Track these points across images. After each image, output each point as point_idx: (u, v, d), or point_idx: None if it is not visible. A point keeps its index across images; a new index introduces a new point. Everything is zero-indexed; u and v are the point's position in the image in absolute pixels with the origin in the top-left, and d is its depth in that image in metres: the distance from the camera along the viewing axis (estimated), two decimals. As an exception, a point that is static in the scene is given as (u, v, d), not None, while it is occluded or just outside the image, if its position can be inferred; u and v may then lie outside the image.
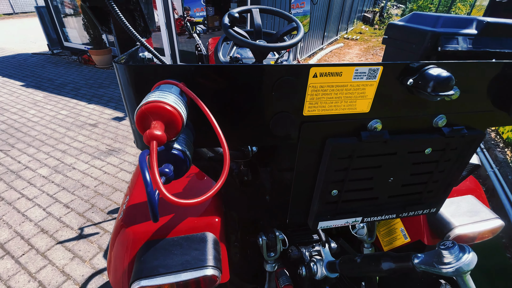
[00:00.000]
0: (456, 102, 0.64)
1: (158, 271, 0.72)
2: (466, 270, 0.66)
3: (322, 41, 9.48)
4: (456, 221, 0.95)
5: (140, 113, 0.38)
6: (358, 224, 0.85)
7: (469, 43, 0.66)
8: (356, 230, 1.07)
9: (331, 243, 1.12)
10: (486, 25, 0.67)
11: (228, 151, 0.44)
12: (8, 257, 2.32)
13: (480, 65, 0.60)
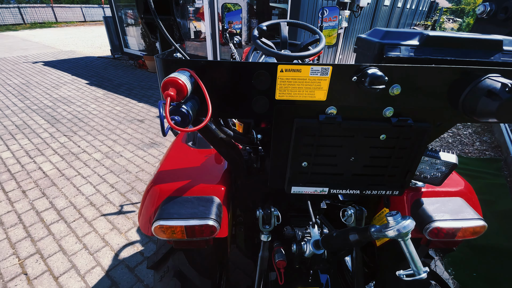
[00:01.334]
0: (401, 97, 0.77)
1: (173, 216, 0.95)
2: (404, 232, 0.80)
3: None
4: (437, 216, 1.01)
5: (164, 82, 0.63)
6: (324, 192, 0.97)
7: (411, 51, 0.79)
8: (345, 218, 1.18)
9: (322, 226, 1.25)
10: (427, 37, 0.80)
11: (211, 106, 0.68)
12: (62, 222, 2.78)
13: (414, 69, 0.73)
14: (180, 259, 1.18)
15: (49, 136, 4.53)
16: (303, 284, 1.36)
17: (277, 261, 1.22)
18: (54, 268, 2.30)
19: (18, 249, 2.47)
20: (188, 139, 1.50)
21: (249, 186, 1.41)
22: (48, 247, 2.49)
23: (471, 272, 2.34)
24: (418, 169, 0.99)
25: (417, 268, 0.85)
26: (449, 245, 1.09)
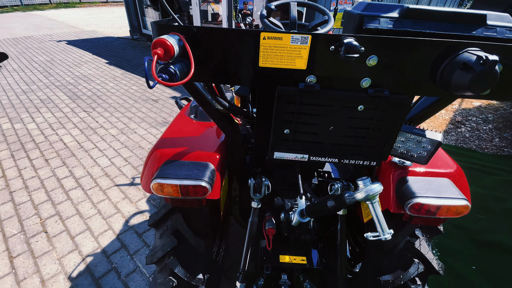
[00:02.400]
0: (378, 68, 0.79)
1: (170, 176, 1.05)
2: (371, 194, 0.85)
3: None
4: (420, 193, 1.03)
5: (153, 42, 0.69)
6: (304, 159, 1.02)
7: (390, 24, 0.80)
8: (332, 191, 1.24)
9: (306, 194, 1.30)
10: (407, 9, 0.80)
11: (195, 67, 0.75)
12: (79, 189, 3.00)
13: (390, 40, 0.74)
14: (178, 219, 1.29)
15: (70, 111, 4.79)
16: (290, 253, 1.44)
17: (267, 228, 1.30)
18: (71, 228, 2.52)
19: (40, 210, 2.71)
20: (191, 112, 1.58)
21: (245, 159, 1.48)
22: (67, 210, 2.71)
23: (470, 265, 2.35)
24: (404, 147, 1.01)
25: (383, 230, 0.90)
26: (431, 222, 1.11)
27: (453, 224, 2.74)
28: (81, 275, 2.11)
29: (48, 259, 2.23)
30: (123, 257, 2.26)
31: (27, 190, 2.95)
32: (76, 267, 2.17)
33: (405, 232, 1.25)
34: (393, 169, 1.13)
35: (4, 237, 2.41)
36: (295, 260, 1.44)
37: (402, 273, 1.23)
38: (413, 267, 1.22)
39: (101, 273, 2.13)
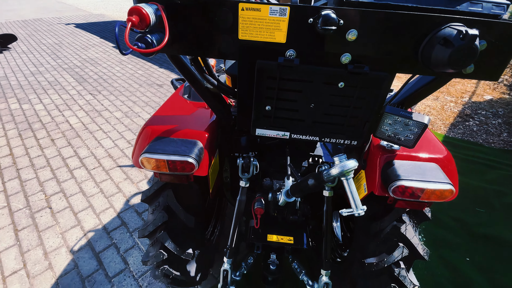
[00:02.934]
0: (358, 43, 0.77)
1: (158, 151, 1.07)
2: (346, 170, 0.85)
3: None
4: (404, 176, 1.02)
5: (130, 9, 0.69)
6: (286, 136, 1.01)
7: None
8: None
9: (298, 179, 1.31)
10: None
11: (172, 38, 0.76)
12: (83, 168, 3.08)
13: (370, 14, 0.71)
14: (169, 196, 1.32)
15: (76, 93, 4.85)
16: (278, 232, 1.47)
17: (256, 208, 1.33)
18: (74, 205, 2.60)
19: (45, 187, 2.80)
20: (184, 92, 1.59)
21: (237, 140, 1.49)
22: (71, 188, 2.80)
23: (464, 256, 2.35)
24: (392, 130, 1.00)
25: (356, 206, 0.90)
26: (416, 206, 1.11)
27: (451, 216, 2.72)
28: (82, 249, 2.20)
29: (51, 233, 2.32)
30: (123, 234, 2.33)
31: (33, 168, 3.05)
32: (78, 241, 2.26)
33: (392, 216, 1.25)
34: (380, 152, 1.12)
35: (10, 211, 2.51)
36: (283, 239, 1.47)
37: (386, 256, 1.24)
38: (398, 251, 1.23)
39: (101, 248, 2.21)
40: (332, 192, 1.24)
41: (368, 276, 1.35)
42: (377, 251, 1.29)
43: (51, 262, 2.09)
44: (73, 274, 2.02)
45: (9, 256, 2.13)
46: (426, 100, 5.45)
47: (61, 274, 2.01)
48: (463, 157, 3.63)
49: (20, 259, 2.11)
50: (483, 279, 2.16)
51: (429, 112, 4.97)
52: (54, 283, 1.96)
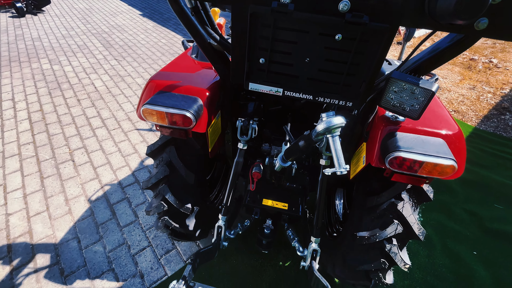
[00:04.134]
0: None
1: (158, 104, 1.10)
2: (331, 126, 0.83)
3: None
4: (403, 147, 0.96)
5: None
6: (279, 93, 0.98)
7: None
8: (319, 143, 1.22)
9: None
10: None
11: None
12: (104, 128, 3.25)
13: None
14: (171, 151, 1.38)
15: (103, 58, 5.01)
16: (274, 198, 1.50)
17: (253, 172, 1.35)
18: (94, 161, 2.79)
19: (69, 142, 3.01)
20: (193, 52, 1.59)
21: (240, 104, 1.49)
22: (92, 145, 2.99)
23: (471, 250, 2.27)
24: (397, 99, 0.95)
25: (339, 164, 0.89)
26: (414, 181, 1.06)
27: (466, 209, 2.62)
28: (99, 199, 2.38)
29: (73, 183, 2.53)
30: (136, 190, 2.49)
31: (60, 124, 3.26)
32: (95, 192, 2.45)
33: (390, 192, 1.22)
34: (383, 123, 1.08)
35: (38, 160, 2.74)
36: (277, 205, 1.50)
37: (379, 231, 1.23)
38: (391, 227, 1.21)
39: (115, 200, 2.38)
40: (329, 162, 1.23)
41: (358, 250, 1.36)
42: (370, 226, 1.29)
43: (70, 208, 2.30)
44: (89, 220, 2.21)
45: (34, 199, 2.36)
46: (461, 89, 5.06)
47: (79, 219, 2.21)
48: (491, 151, 3.40)
49: (44, 203, 2.33)
50: (487, 273, 2.09)
51: (462, 101, 4.63)
52: (72, 226, 2.16)
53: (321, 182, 1.23)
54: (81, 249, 2.01)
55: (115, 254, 1.99)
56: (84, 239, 2.08)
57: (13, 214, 2.22)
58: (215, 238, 1.41)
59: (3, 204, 2.30)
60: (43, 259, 1.93)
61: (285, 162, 1.24)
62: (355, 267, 1.37)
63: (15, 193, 2.39)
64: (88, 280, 1.83)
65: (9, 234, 2.08)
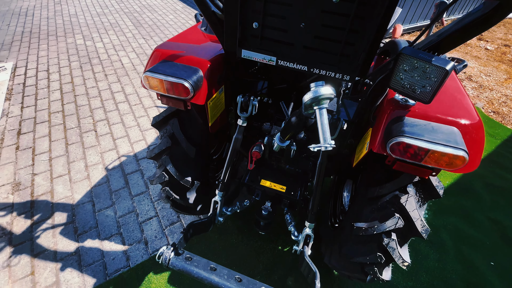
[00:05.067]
0: None
1: (159, 71, 1.11)
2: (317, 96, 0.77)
3: None
4: (408, 132, 0.88)
5: None
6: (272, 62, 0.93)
7: None
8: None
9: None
10: None
11: None
12: (127, 103, 3.38)
13: None
14: (174, 124, 1.40)
15: (132, 36, 5.17)
16: (273, 179, 1.48)
17: (253, 151, 1.34)
18: (115, 133, 2.93)
19: (94, 113, 3.17)
20: (203, 25, 1.58)
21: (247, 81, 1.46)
22: (114, 117, 3.13)
23: (489, 260, 2.11)
24: (408, 79, 0.87)
25: (324, 139, 0.84)
26: (418, 172, 0.97)
27: (489, 217, 2.42)
28: (115, 168, 2.52)
29: (93, 151, 2.68)
30: (149, 164, 2.59)
31: (87, 96, 3.45)
32: (112, 162, 2.58)
33: (394, 184, 1.15)
34: (391, 107, 1.00)
35: (65, 128, 2.94)
36: (275, 186, 1.48)
37: (378, 224, 1.17)
38: (391, 220, 1.14)
39: (129, 171, 2.50)
40: None
41: (354, 241, 1.31)
42: (369, 217, 1.23)
43: (89, 174, 2.45)
44: (104, 186, 2.35)
45: (58, 163, 2.54)
46: (505, 89, 4.60)
47: (95, 185, 2.36)
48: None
49: (66, 167, 2.50)
50: (502, 285, 1.94)
51: (504, 102, 4.22)
52: (89, 190, 2.31)
53: (320, 166, 1.19)
54: (94, 212, 2.15)
55: (124, 220, 2.10)
56: (98, 203, 2.21)
57: (39, 175, 2.42)
58: (211, 213, 1.43)
59: (31, 164, 2.50)
60: (60, 217, 2.09)
61: (282, 142, 1.21)
62: (350, 258, 1.33)
63: (42, 156, 2.59)
64: (98, 240, 1.96)
65: (33, 192, 2.27)
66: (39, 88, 3.54)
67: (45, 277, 1.74)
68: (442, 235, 2.22)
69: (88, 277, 1.76)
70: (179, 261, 1.07)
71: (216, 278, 1.03)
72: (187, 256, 1.11)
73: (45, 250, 1.88)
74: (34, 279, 1.73)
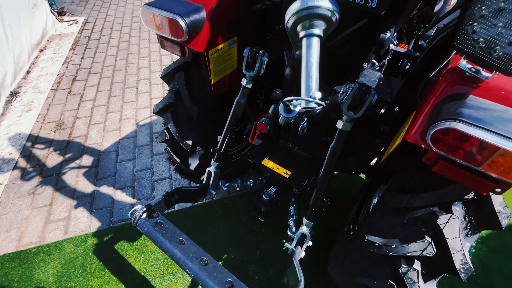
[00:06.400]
0: None
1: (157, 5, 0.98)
2: (309, 5, 0.52)
3: None
4: (469, 117, 0.58)
5: None
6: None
7: None
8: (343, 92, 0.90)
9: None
10: None
11: None
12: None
13: None
14: (180, 79, 1.28)
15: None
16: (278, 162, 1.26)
17: (259, 122, 1.14)
18: (153, 93, 2.99)
19: (140, 72, 3.29)
20: None
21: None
22: (156, 79, 3.20)
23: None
24: (484, 34, 0.55)
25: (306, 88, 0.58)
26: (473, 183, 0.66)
27: None
28: (144, 126, 2.57)
29: (130, 106, 2.78)
30: (175, 127, 2.58)
31: (138, 56, 3.59)
32: (144, 119, 2.64)
33: (433, 196, 0.83)
34: (452, 78, 0.68)
35: (112, 81, 3.11)
36: (278, 169, 1.26)
37: (397, 243, 0.88)
38: (418, 244, 0.84)
39: (156, 130, 2.52)
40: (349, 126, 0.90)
41: (364, 256, 1.02)
42: (388, 232, 0.93)
43: (121, 126, 2.55)
44: (131, 140, 2.42)
45: (99, 111, 2.70)
46: None
47: (124, 137, 2.44)
48: None
49: (104, 116, 2.64)
50: None
51: None
52: (117, 141, 2.40)
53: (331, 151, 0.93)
54: (116, 162, 2.22)
55: (140, 175, 2.13)
56: (121, 154, 2.29)
57: (80, 119, 2.60)
58: (204, 182, 1.29)
59: (76, 109, 2.71)
60: (87, 160, 2.22)
61: (288, 112, 0.98)
62: (353, 275, 1.06)
63: (87, 103, 2.79)
64: (113, 188, 2.03)
65: (72, 133, 2.45)
66: (100, 42, 3.81)
67: (59, 210, 1.87)
68: (494, 280, 1.73)
69: (94, 220, 1.83)
70: (147, 224, 0.97)
71: (179, 253, 0.89)
72: (159, 221, 0.99)
73: (66, 187, 2.01)
74: (50, 210, 1.87)
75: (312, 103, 0.59)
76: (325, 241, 1.77)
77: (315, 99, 0.58)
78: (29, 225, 1.78)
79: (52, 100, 2.79)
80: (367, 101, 0.85)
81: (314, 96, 0.58)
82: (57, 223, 1.80)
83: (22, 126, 2.46)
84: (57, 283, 1.52)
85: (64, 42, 3.76)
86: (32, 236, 1.72)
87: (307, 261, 1.63)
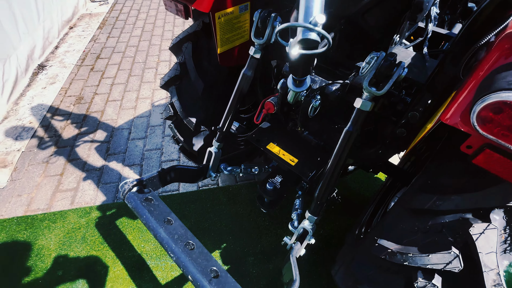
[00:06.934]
0: None
1: None
2: None
3: None
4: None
5: None
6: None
7: None
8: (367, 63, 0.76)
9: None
10: None
11: None
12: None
13: None
14: (187, 49, 1.20)
15: None
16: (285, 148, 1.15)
17: (267, 101, 1.03)
18: (171, 75, 2.98)
19: (161, 54, 3.29)
20: None
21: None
22: (176, 61, 3.19)
23: None
24: None
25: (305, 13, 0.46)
26: None
27: None
28: (159, 107, 2.55)
29: (147, 86, 2.78)
30: (190, 110, 2.54)
31: (161, 38, 3.59)
32: (159, 100, 2.63)
33: (468, 199, 0.69)
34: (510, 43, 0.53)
35: (133, 61, 3.12)
36: (284, 156, 1.15)
37: (415, 252, 0.75)
38: (441, 255, 0.71)
39: (170, 112, 2.51)
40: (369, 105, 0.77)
41: (372, 262, 0.90)
42: (405, 238, 0.80)
43: (137, 105, 2.55)
44: (144, 119, 2.41)
45: (117, 89, 2.72)
46: None
47: (138, 116, 2.44)
48: None
49: (122, 94, 2.66)
50: None
51: None
52: (131, 119, 2.40)
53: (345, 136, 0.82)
54: (128, 139, 2.22)
55: (149, 154, 2.12)
56: (134, 132, 2.29)
57: (99, 95, 2.64)
58: (204, 163, 1.22)
59: (96, 85, 2.75)
60: (100, 135, 2.24)
61: (297, 86, 0.86)
62: (357, 281, 0.94)
63: (107, 80, 2.82)
64: (121, 165, 2.03)
65: (89, 108, 2.49)
66: (126, 23, 3.86)
67: (69, 181, 1.90)
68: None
69: (100, 194, 1.83)
70: (135, 199, 0.91)
71: (164, 233, 0.82)
72: (149, 197, 0.93)
73: (78, 159, 2.04)
74: (60, 180, 1.90)
75: (312, 33, 0.46)
76: (332, 241, 1.65)
77: (315, 27, 0.45)
78: (39, 192, 1.82)
79: (75, 75, 2.86)
80: (395, 75, 0.71)
81: (315, 21, 0.46)
82: (65, 193, 1.83)
83: (45, 98, 2.54)
84: (58, 250, 1.54)
85: (93, 21, 3.85)
86: (41, 203, 1.76)
87: (311, 261, 1.53)
